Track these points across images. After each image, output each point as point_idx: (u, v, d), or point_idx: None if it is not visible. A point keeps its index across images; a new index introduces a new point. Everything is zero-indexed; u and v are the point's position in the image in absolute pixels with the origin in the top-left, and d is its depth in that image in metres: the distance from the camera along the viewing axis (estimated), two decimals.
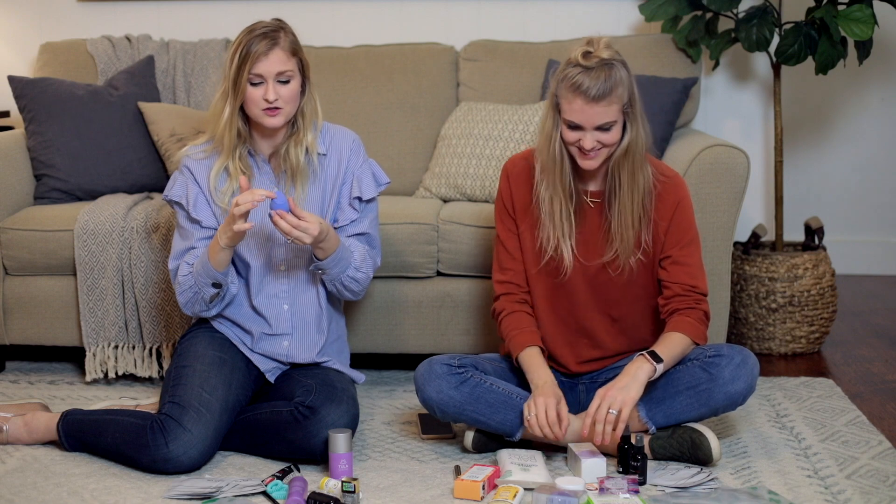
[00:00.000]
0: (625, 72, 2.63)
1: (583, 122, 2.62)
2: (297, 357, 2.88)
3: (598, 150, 2.66)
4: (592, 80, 2.59)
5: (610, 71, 2.60)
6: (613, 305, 2.81)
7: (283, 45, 2.74)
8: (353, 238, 2.89)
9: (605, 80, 2.59)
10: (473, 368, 2.74)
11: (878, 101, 4.44)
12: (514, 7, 4.21)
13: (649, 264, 2.78)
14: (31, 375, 3.47)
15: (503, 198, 2.85)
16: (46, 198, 3.56)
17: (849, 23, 3.51)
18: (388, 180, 2.95)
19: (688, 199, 2.80)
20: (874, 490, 2.52)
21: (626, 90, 2.63)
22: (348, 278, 2.84)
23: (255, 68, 2.71)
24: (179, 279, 2.82)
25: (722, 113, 4.33)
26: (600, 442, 2.59)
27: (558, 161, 2.70)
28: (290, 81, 2.75)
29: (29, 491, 2.56)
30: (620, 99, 2.62)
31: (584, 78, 2.59)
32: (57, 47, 4.00)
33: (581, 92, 2.59)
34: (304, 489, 2.49)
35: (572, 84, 2.60)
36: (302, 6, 4.21)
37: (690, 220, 2.79)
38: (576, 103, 2.61)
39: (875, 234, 4.57)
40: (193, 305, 2.84)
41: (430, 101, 3.86)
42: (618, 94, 2.61)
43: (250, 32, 2.73)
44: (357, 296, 2.91)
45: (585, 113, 2.61)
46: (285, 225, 2.64)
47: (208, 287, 2.78)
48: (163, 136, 3.60)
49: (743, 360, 2.68)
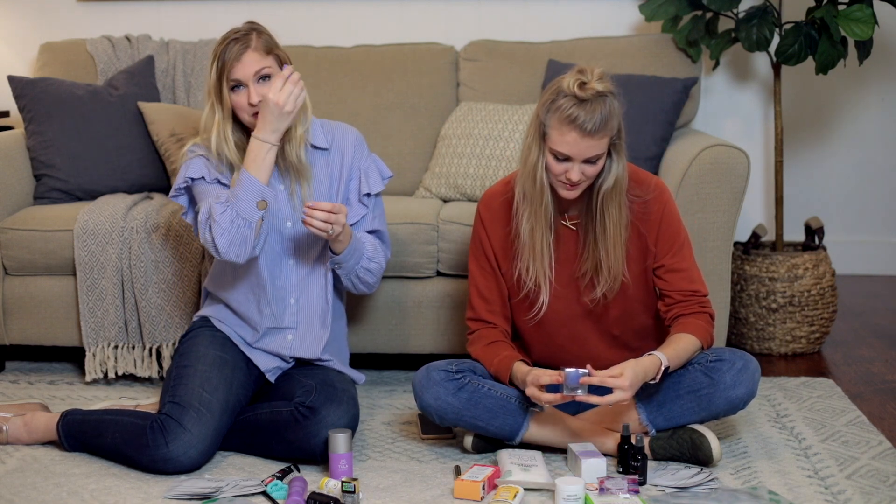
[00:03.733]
0: (617, 104, 2.57)
1: (574, 154, 2.56)
2: (301, 352, 2.88)
3: (583, 182, 2.62)
4: (588, 114, 2.52)
5: (604, 104, 2.54)
6: (612, 325, 2.80)
7: (256, 46, 2.72)
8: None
9: (601, 113, 2.53)
10: (471, 374, 2.73)
11: (878, 101, 4.43)
12: (514, 7, 4.21)
13: (641, 278, 2.77)
14: (31, 375, 3.47)
15: (481, 242, 2.80)
16: (46, 198, 3.56)
17: (849, 23, 3.51)
18: (391, 173, 2.96)
19: (671, 204, 2.76)
20: (874, 490, 2.52)
21: (617, 122, 2.58)
22: (363, 269, 2.84)
23: (232, 74, 2.70)
24: (216, 217, 2.65)
25: (722, 113, 4.33)
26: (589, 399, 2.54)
27: (540, 191, 2.64)
28: (271, 77, 2.74)
29: (29, 491, 2.56)
30: (612, 131, 2.58)
31: (579, 111, 2.52)
32: (57, 47, 4.00)
33: (576, 125, 2.53)
34: (304, 489, 2.49)
35: (567, 116, 2.53)
36: (302, 6, 4.22)
37: (677, 226, 2.76)
38: (569, 136, 2.54)
39: (875, 234, 4.57)
40: (240, 245, 2.67)
41: (430, 101, 3.86)
42: (610, 126, 2.56)
43: (223, 41, 2.73)
44: (371, 288, 2.92)
45: (578, 146, 2.55)
46: (320, 222, 2.61)
47: (254, 210, 2.65)
48: (163, 136, 3.60)
49: (744, 366, 2.67)
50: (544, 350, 2.84)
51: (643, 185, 2.74)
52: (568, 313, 2.78)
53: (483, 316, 2.81)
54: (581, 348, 2.81)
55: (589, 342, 2.81)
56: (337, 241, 2.76)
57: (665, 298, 2.76)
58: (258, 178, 2.68)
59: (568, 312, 2.78)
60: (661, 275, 2.75)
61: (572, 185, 2.61)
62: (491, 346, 2.77)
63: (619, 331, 2.80)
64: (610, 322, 2.79)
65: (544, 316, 2.77)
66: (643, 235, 2.73)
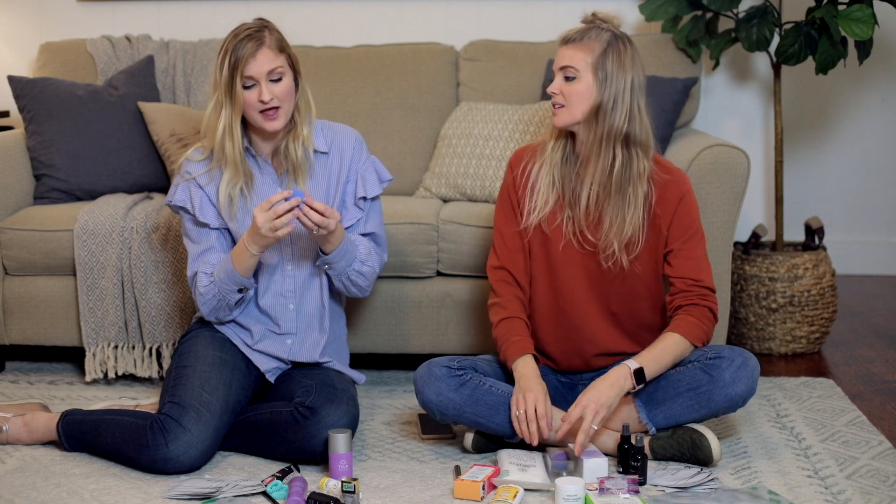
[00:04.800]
0: (609, 36, 2.68)
1: (556, 63, 2.71)
2: (300, 356, 2.89)
3: (561, 105, 2.70)
4: (574, 29, 2.72)
5: (592, 27, 2.70)
6: (613, 300, 2.81)
7: (270, 44, 2.73)
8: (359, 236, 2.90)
9: (583, 31, 2.69)
10: (473, 370, 2.74)
11: (878, 101, 4.43)
12: (514, 7, 4.21)
13: (650, 261, 2.78)
14: (31, 375, 3.47)
15: (507, 187, 2.86)
16: (46, 198, 3.56)
17: (849, 23, 3.51)
18: (390, 177, 2.96)
19: (692, 195, 2.79)
20: (874, 490, 2.52)
21: (602, 50, 2.66)
22: (354, 272, 2.84)
23: (246, 71, 2.71)
24: (200, 290, 2.80)
25: (722, 113, 4.33)
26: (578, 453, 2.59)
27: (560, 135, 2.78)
28: (282, 79, 2.75)
29: (29, 491, 2.56)
30: (591, 51, 2.67)
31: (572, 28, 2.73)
32: (57, 47, 4.00)
33: (561, 37, 2.72)
34: (304, 489, 2.49)
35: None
36: (302, 6, 4.22)
37: (694, 216, 2.78)
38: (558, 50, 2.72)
39: (875, 234, 4.56)
40: (217, 312, 2.84)
41: (430, 101, 3.86)
42: (588, 45, 2.67)
43: (235, 37, 2.73)
44: (364, 292, 2.92)
45: (559, 55, 2.71)
46: (315, 218, 2.65)
47: (234, 293, 2.78)
48: (163, 136, 3.60)
49: (744, 363, 2.67)
50: (541, 311, 2.84)
51: (668, 169, 2.79)
52: (570, 271, 2.79)
53: (505, 263, 2.83)
54: (576, 317, 2.80)
55: (585, 310, 2.80)
56: (327, 242, 2.76)
57: (670, 287, 2.77)
58: (240, 272, 2.75)
59: (575, 277, 2.79)
60: (669, 259, 2.77)
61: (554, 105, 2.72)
62: (507, 323, 2.79)
63: (618, 308, 2.81)
64: (611, 297, 2.79)
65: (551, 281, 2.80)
66: (659, 217, 2.75)
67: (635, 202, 2.71)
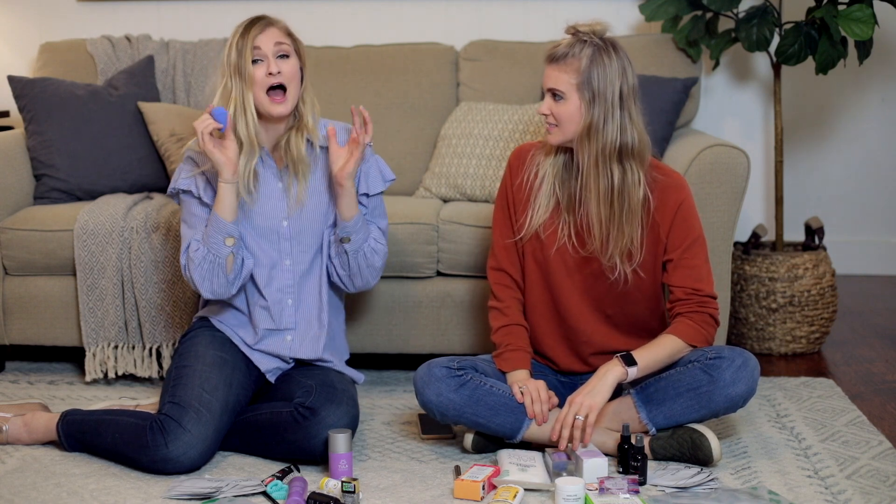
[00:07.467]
0: (591, 50, 2.65)
1: (544, 84, 2.71)
2: (301, 353, 2.88)
3: (554, 125, 2.70)
4: (557, 45, 2.68)
5: (575, 42, 2.67)
6: (608, 303, 2.81)
7: (279, 26, 2.80)
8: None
9: (567, 47, 2.66)
10: (473, 371, 2.74)
11: (878, 101, 4.44)
12: (514, 7, 4.21)
13: (650, 267, 2.78)
14: (31, 375, 3.47)
15: (505, 186, 2.87)
16: (46, 198, 3.56)
17: (849, 23, 3.51)
18: (393, 176, 2.96)
19: (690, 200, 2.78)
20: (874, 490, 2.52)
21: (586, 67, 2.64)
22: (370, 249, 2.85)
23: (255, 42, 2.74)
24: (191, 255, 2.76)
25: (722, 113, 4.33)
26: (564, 447, 2.62)
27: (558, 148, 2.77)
28: (289, 56, 2.78)
29: (29, 491, 2.56)
30: (575, 71, 2.65)
31: (555, 45, 2.70)
32: (57, 47, 4.00)
33: (547, 55, 2.70)
34: (304, 489, 2.49)
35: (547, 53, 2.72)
36: (302, 6, 4.22)
37: (693, 222, 2.77)
38: (545, 69, 2.71)
39: (875, 234, 4.57)
40: (213, 280, 2.76)
41: (430, 101, 3.86)
42: (571, 64, 2.65)
43: (242, 24, 2.79)
44: (374, 277, 2.90)
45: (545, 75, 2.70)
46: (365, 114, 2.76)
47: (222, 246, 2.73)
48: (163, 136, 3.60)
49: (744, 363, 2.67)
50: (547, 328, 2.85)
51: (665, 173, 2.78)
52: (568, 280, 2.80)
53: (504, 265, 2.85)
54: (578, 322, 2.81)
55: (578, 312, 2.81)
56: (346, 205, 2.78)
57: (670, 295, 2.77)
58: (222, 215, 2.73)
59: (568, 280, 2.80)
60: (668, 269, 2.77)
61: (547, 124, 2.71)
62: (507, 331, 2.83)
63: (613, 311, 2.81)
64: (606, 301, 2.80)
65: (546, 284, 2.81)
66: (657, 224, 2.75)
67: (634, 214, 2.71)
